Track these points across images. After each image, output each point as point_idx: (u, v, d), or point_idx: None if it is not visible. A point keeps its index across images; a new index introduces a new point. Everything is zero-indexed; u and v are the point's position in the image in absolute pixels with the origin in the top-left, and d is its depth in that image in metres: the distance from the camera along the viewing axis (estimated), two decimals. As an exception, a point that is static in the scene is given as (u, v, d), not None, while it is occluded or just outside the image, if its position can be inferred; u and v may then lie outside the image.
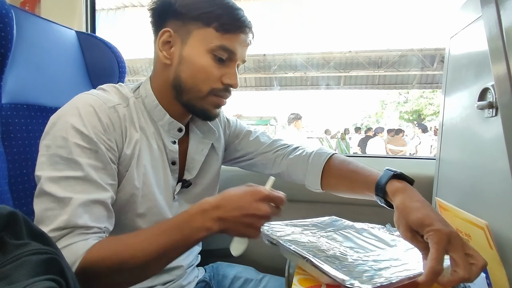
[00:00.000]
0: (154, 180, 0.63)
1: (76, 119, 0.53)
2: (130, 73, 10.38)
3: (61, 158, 0.51)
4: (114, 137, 0.57)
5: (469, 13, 0.66)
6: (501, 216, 0.53)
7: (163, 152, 0.65)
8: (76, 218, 0.49)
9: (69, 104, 0.56)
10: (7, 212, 0.28)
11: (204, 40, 0.59)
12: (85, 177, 0.51)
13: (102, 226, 0.52)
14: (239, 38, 0.61)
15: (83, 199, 0.50)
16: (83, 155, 0.52)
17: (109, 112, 0.56)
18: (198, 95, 0.62)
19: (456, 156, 0.74)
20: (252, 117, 14.70)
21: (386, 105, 17.89)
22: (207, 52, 0.60)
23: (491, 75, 0.52)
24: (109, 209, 0.54)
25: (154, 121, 0.64)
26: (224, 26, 0.59)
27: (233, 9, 0.60)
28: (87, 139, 0.52)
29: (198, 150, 0.71)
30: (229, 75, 0.62)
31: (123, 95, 0.63)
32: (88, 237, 0.49)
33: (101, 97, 0.57)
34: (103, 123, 0.55)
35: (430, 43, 9.69)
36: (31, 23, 0.71)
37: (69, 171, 0.51)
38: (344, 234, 0.68)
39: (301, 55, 10.46)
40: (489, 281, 0.54)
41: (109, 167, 0.55)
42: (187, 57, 0.60)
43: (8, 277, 0.25)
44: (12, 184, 0.62)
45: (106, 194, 0.53)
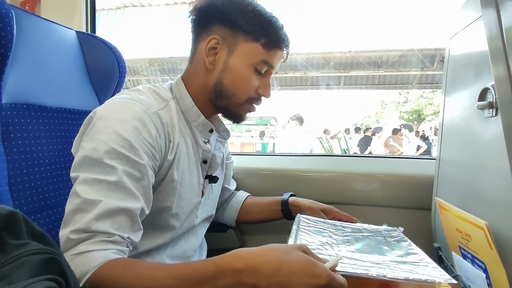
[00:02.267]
0: (188, 179, 0.66)
1: (119, 124, 0.52)
2: (130, 73, 10.38)
3: (97, 161, 0.50)
4: (160, 144, 0.57)
5: (469, 13, 0.66)
6: (501, 216, 0.53)
7: (196, 152, 0.68)
8: (99, 223, 0.47)
9: (111, 107, 0.55)
10: (7, 212, 0.28)
11: (251, 54, 0.63)
12: (118, 183, 0.50)
13: (125, 235, 0.49)
14: (279, 54, 0.66)
15: (111, 205, 0.48)
16: (121, 161, 0.50)
17: (154, 118, 0.56)
18: (236, 102, 0.66)
19: (456, 156, 0.74)
20: (252, 117, 14.69)
21: (386, 105, 17.88)
22: (251, 65, 0.63)
23: (491, 75, 0.52)
24: (135, 221, 0.51)
25: (188, 121, 0.67)
26: (270, 44, 0.63)
27: (280, 28, 0.64)
28: (128, 146, 0.51)
29: (217, 147, 0.75)
30: (264, 86, 0.66)
31: (161, 96, 0.64)
32: (108, 247, 0.47)
33: (144, 102, 0.57)
34: (149, 130, 0.55)
35: (430, 43, 9.70)
36: (31, 23, 0.71)
37: (103, 174, 0.49)
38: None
39: (301, 55, 10.46)
40: (489, 281, 0.54)
41: (147, 178, 0.53)
42: (232, 66, 0.63)
43: (8, 277, 0.25)
44: (12, 184, 0.61)
45: (136, 204, 0.51)
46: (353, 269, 0.47)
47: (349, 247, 0.58)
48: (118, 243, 0.48)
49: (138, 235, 0.53)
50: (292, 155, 1.28)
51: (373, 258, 0.53)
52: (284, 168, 1.09)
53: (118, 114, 0.53)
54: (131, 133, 0.52)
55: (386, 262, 0.52)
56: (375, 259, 0.53)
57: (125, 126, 0.52)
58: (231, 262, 0.41)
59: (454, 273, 0.66)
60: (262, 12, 0.63)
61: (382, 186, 0.99)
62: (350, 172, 1.03)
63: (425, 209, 0.90)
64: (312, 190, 1.03)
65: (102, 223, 0.47)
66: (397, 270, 0.48)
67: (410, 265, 0.51)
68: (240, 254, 0.41)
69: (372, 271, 0.46)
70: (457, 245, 0.64)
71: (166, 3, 9.46)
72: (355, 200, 1.02)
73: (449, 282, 0.45)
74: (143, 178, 0.53)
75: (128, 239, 0.50)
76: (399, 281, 0.45)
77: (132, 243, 0.52)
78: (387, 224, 0.73)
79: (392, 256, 0.55)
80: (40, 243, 0.30)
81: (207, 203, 0.75)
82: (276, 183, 1.06)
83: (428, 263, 0.52)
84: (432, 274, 0.47)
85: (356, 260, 0.51)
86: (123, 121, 0.52)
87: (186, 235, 0.71)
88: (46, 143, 0.70)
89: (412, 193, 0.97)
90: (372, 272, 0.46)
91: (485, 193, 0.58)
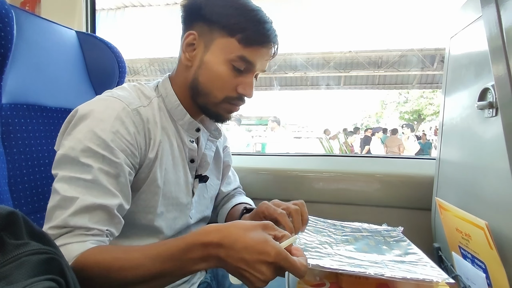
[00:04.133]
0: (174, 179, 0.65)
1: (95, 122, 0.53)
2: (130, 73, 10.38)
3: (74, 159, 0.51)
4: (139, 142, 0.57)
5: (469, 13, 0.66)
6: (501, 216, 0.53)
7: (182, 151, 0.66)
8: (76, 218, 0.48)
9: (91, 106, 0.55)
10: (7, 212, 0.28)
11: (226, 50, 0.60)
12: (94, 181, 0.51)
13: (103, 228, 0.51)
14: (261, 51, 0.62)
15: (88, 202, 0.49)
16: (96, 159, 0.51)
17: (133, 116, 0.56)
18: (213, 101, 0.63)
19: (456, 156, 0.74)
20: (252, 117, 14.71)
21: (386, 105, 17.88)
22: (226, 62, 0.60)
23: (491, 75, 0.52)
24: (113, 215, 0.52)
25: (174, 120, 0.65)
26: (247, 40, 0.59)
27: (259, 23, 0.60)
28: (104, 144, 0.52)
29: (208, 146, 0.73)
30: (245, 85, 0.63)
31: (145, 94, 0.63)
32: (87, 239, 0.49)
33: (123, 98, 0.57)
34: (127, 128, 0.55)
35: (430, 43, 9.69)
36: (31, 23, 0.71)
37: (80, 173, 0.51)
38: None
39: (301, 55, 10.46)
40: (489, 281, 0.54)
41: (123, 175, 0.54)
42: (207, 63, 0.61)
43: (8, 277, 0.25)
44: (12, 184, 0.61)
45: (113, 201, 0.52)
46: (352, 268, 0.47)
47: (348, 247, 0.58)
48: (97, 235, 0.50)
49: (118, 228, 0.54)
50: (292, 155, 1.28)
51: (372, 258, 0.53)
52: (284, 168, 1.09)
53: (96, 113, 0.54)
54: (108, 131, 0.53)
55: (385, 261, 0.52)
56: (373, 258, 0.53)
57: (102, 125, 0.53)
58: (199, 237, 0.44)
59: (454, 273, 0.66)
60: (241, 6, 0.60)
61: (382, 186, 0.99)
62: (350, 172, 1.03)
63: (425, 209, 0.90)
64: (312, 190, 1.03)
65: (80, 218, 0.49)
66: (395, 269, 0.48)
67: (409, 264, 0.51)
68: (208, 230, 0.45)
69: (370, 270, 0.46)
70: (457, 245, 0.64)
71: (166, 3, 9.45)
72: (355, 200, 1.02)
73: (447, 281, 0.45)
74: (119, 175, 0.53)
75: (107, 231, 0.51)
76: (397, 280, 0.45)
77: (112, 234, 0.53)
78: (387, 224, 0.73)
79: (391, 255, 0.55)
80: (40, 243, 0.30)
81: (201, 203, 0.74)
82: (276, 183, 1.06)
83: (427, 263, 0.52)
84: (430, 273, 0.47)
85: (355, 259, 0.52)
86: (101, 120, 0.53)
87: (179, 236, 0.69)
88: (46, 143, 0.70)
89: (412, 193, 0.97)
90: (370, 271, 0.46)
91: (485, 193, 0.58)
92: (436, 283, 0.45)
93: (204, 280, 0.78)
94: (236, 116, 4.64)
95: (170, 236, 0.66)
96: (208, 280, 0.78)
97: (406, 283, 0.48)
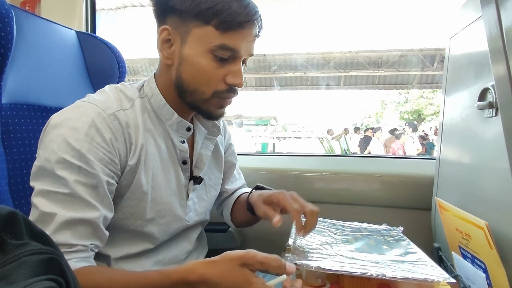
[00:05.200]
0: (164, 182, 0.61)
1: (69, 132, 0.50)
2: (130, 73, 10.37)
3: (50, 172, 0.49)
4: (117, 148, 0.54)
5: (469, 13, 0.66)
6: (501, 216, 0.53)
7: (172, 152, 0.63)
8: (58, 236, 0.47)
9: (65, 114, 0.53)
10: (7, 212, 0.28)
11: (203, 40, 0.55)
12: (72, 194, 0.49)
13: (87, 243, 0.49)
14: (242, 34, 0.55)
15: (67, 217, 0.48)
16: (72, 171, 0.49)
17: (109, 121, 0.53)
18: (201, 97, 0.59)
19: (456, 156, 0.74)
20: (252, 117, 14.70)
21: (386, 105, 17.88)
22: (207, 53, 0.55)
23: (491, 75, 0.52)
24: (96, 228, 0.51)
25: (162, 121, 0.62)
26: (225, 24, 0.53)
27: (233, 3, 0.53)
28: (79, 155, 0.49)
29: (204, 145, 0.69)
30: (233, 73, 0.57)
31: (127, 96, 0.59)
32: (71, 257, 0.47)
33: (99, 103, 0.54)
34: (102, 135, 0.52)
35: (430, 43, 9.70)
36: (31, 23, 0.71)
37: (57, 186, 0.49)
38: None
39: (301, 55, 10.46)
40: (489, 281, 0.54)
41: (102, 185, 0.51)
42: (187, 58, 0.57)
43: (8, 277, 0.25)
44: (12, 184, 0.61)
45: (94, 213, 0.50)
46: (353, 269, 0.47)
47: (348, 247, 0.58)
48: (80, 251, 0.49)
49: (103, 239, 0.52)
50: (292, 155, 1.28)
51: (373, 258, 0.53)
52: (284, 168, 1.09)
53: (70, 121, 0.51)
54: (83, 141, 0.50)
55: (385, 261, 0.52)
56: (374, 258, 0.53)
57: (77, 134, 0.50)
58: (185, 275, 0.45)
59: (454, 273, 0.66)
60: None
61: (382, 186, 0.99)
62: (350, 172, 1.03)
63: (425, 209, 0.90)
64: (312, 190, 1.03)
65: (62, 235, 0.47)
66: (396, 269, 0.48)
67: (409, 264, 0.51)
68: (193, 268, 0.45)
69: (371, 270, 0.46)
70: (457, 245, 0.64)
71: (166, 3, 9.44)
72: (355, 200, 1.02)
73: (448, 281, 0.45)
74: (98, 186, 0.51)
75: (91, 245, 0.50)
76: (398, 280, 0.45)
77: (97, 247, 0.52)
78: (387, 224, 0.73)
79: (391, 255, 0.55)
80: (40, 243, 0.30)
81: (201, 205, 0.71)
82: (276, 183, 1.06)
83: (427, 262, 0.52)
84: (431, 273, 0.47)
85: (356, 260, 0.52)
86: (74, 129, 0.50)
87: (176, 239, 0.68)
88: (46, 143, 0.70)
89: (412, 193, 0.97)
90: (372, 271, 0.46)
91: (485, 193, 0.58)
92: (437, 283, 0.45)
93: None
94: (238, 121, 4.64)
95: (164, 240, 0.65)
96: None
97: (408, 283, 0.48)
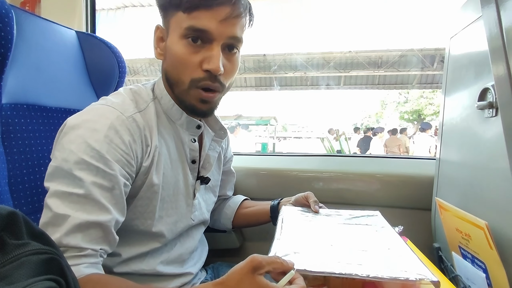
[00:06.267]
0: (173, 182, 0.62)
1: (89, 133, 0.50)
2: (130, 73, 10.38)
3: (67, 172, 0.49)
4: (135, 150, 0.54)
5: (469, 13, 0.66)
6: (501, 216, 0.53)
7: (181, 152, 0.64)
8: (69, 238, 0.46)
9: (83, 115, 0.53)
10: (7, 212, 0.28)
11: (177, 26, 0.54)
12: (87, 196, 0.48)
13: (97, 248, 0.49)
14: (211, 12, 0.52)
15: (80, 219, 0.47)
16: (90, 172, 0.49)
17: (128, 123, 0.53)
18: (182, 88, 0.57)
19: (456, 156, 0.74)
20: (252, 117, 14.70)
21: (386, 105, 17.88)
22: (180, 39, 0.54)
23: (491, 75, 0.52)
24: (108, 232, 0.50)
25: (172, 121, 0.62)
26: (188, 4, 0.52)
27: None
28: (98, 156, 0.49)
29: (212, 147, 0.71)
30: (208, 58, 0.54)
31: (142, 98, 0.60)
32: (80, 262, 0.47)
33: (117, 106, 0.54)
34: (122, 137, 0.52)
35: (430, 43, 9.70)
36: (31, 23, 0.71)
37: (72, 187, 0.48)
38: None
39: (301, 55, 10.46)
40: (489, 281, 0.54)
41: (118, 187, 0.51)
42: (168, 48, 0.57)
43: (8, 277, 0.25)
44: (12, 184, 0.61)
45: (106, 217, 0.50)
46: (338, 269, 0.46)
47: (331, 237, 0.58)
48: (90, 256, 0.48)
49: (113, 245, 0.52)
50: (292, 155, 1.28)
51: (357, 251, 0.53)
52: (284, 168, 1.09)
53: (89, 122, 0.51)
54: (102, 142, 0.50)
55: (370, 253, 0.52)
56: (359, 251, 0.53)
57: (96, 135, 0.50)
58: None
59: (454, 273, 0.66)
60: None
61: (382, 186, 0.99)
62: (350, 172, 1.03)
63: (425, 209, 0.90)
64: (312, 190, 1.03)
65: (73, 238, 0.47)
66: (380, 265, 0.48)
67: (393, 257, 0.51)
68: None
69: (356, 270, 0.46)
70: (457, 245, 0.64)
71: (166, 3, 9.43)
72: (355, 200, 1.02)
73: (431, 280, 0.45)
74: (114, 188, 0.51)
75: (101, 250, 0.50)
76: (383, 281, 0.45)
77: (105, 252, 0.51)
78: None
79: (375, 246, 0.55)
80: (40, 243, 0.30)
81: (203, 205, 0.72)
82: (276, 183, 1.06)
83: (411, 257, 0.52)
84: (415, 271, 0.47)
85: (340, 257, 0.51)
86: (94, 130, 0.51)
87: (181, 238, 0.69)
88: (46, 143, 0.70)
89: (412, 193, 0.97)
90: (357, 271, 0.46)
91: (485, 193, 0.58)
92: (420, 281, 0.45)
93: (204, 279, 0.78)
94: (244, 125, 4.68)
95: (171, 239, 0.65)
96: (209, 279, 0.78)
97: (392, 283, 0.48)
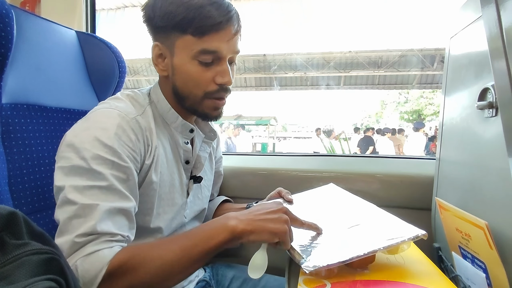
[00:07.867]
0: (169, 180, 0.66)
1: (100, 132, 0.54)
2: (130, 73, 10.39)
3: (85, 169, 0.52)
4: (139, 148, 0.59)
5: (469, 13, 0.66)
6: (501, 216, 0.53)
7: (176, 153, 0.69)
8: (102, 225, 0.50)
9: (91, 118, 0.57)
10: (7, 212, 0.28)
11: (186, 48, 0.60)
12: (109, 187, 0.52)
13: (125, 234, 0.53)
14: (220, 35, 0.59)
15: (108, 206, 0.51)
16: (107, 165, 0.53)
17: (132, 124, 0.58)
18: (195, 100, 0.64)
19: (456, 156, 0.74)
20: (252, 117, 14.70)
21: (386, 105, 17.89)
22: (191, 59, 0.60)
23: (491, 75, 0.52)
24: (131, 219, 0.55)
25: (167, 124, 0.67)
26: (199, 30, 0.57)
27: (203, 8, 0.57)
28: (111, 151, 0.53)
29: (202, 148, 0.75)
30: (221, 73, 0.62)
31: (139, 103, 0.64)
32: (113, 245, 0.50)
33: (121, 109, 0.58)
34: (129, 135, 0.56)
35: (430, 43, 9.70)
36: (31, 23, 0.71)
37: (93, 180, 0.51)
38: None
39: (301, 55, 10.47)
40: (489, 281, 0.54)
41: (132, 178, 0.56)
42: (177, 67, 0.62)
43: (8, 277, 0.25)
44: (12, 184, 0.61)
45: (129, 204, 0.54)
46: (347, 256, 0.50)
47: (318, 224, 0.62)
48: (120, 241, 0.52)
49: (133, 233, 0.56)
50: (292, 155, 1.28)
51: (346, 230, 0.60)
52: (284, 168, 1.08)
53: (98, 123, 0.55)
54: (113, 139, 0.54)
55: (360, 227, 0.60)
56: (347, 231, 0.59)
57: (107, 133, 0.54)
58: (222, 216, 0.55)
59: (454, 273, 0.66)
60: (180, 1, 0.57)
61: (382, 186, 0.99)
62: (350, 172, 1.03)
63: (425, 209, 0.90)
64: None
65: (105, 224, 0.50)
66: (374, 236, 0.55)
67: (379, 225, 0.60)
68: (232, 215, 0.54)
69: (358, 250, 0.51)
70: (457, 245, 0.64)
71: (166, 3, 9.43)
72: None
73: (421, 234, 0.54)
74: (129, 179, 0.55)
75: (127, 237, 0.54)
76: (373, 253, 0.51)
77: (129, 241, 0.55)
78: None
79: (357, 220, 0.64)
80: (40, 243, 0.30)
81: (196, 203, 0.76)
82: (276, 183, 1.06)
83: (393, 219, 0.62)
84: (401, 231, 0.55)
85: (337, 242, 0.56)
86: (104, 129, 0.54)
87: (175, 234, 0.71)
88: (46, 143, 0.70)
89: (412, 193, 0.97)
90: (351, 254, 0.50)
91: (485, 193, 0.58)
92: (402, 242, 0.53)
93: (203, 278, 0.78)
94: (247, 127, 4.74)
95: (167, 235, 0.69)
96: (207, 279, 0.78)
97: None
